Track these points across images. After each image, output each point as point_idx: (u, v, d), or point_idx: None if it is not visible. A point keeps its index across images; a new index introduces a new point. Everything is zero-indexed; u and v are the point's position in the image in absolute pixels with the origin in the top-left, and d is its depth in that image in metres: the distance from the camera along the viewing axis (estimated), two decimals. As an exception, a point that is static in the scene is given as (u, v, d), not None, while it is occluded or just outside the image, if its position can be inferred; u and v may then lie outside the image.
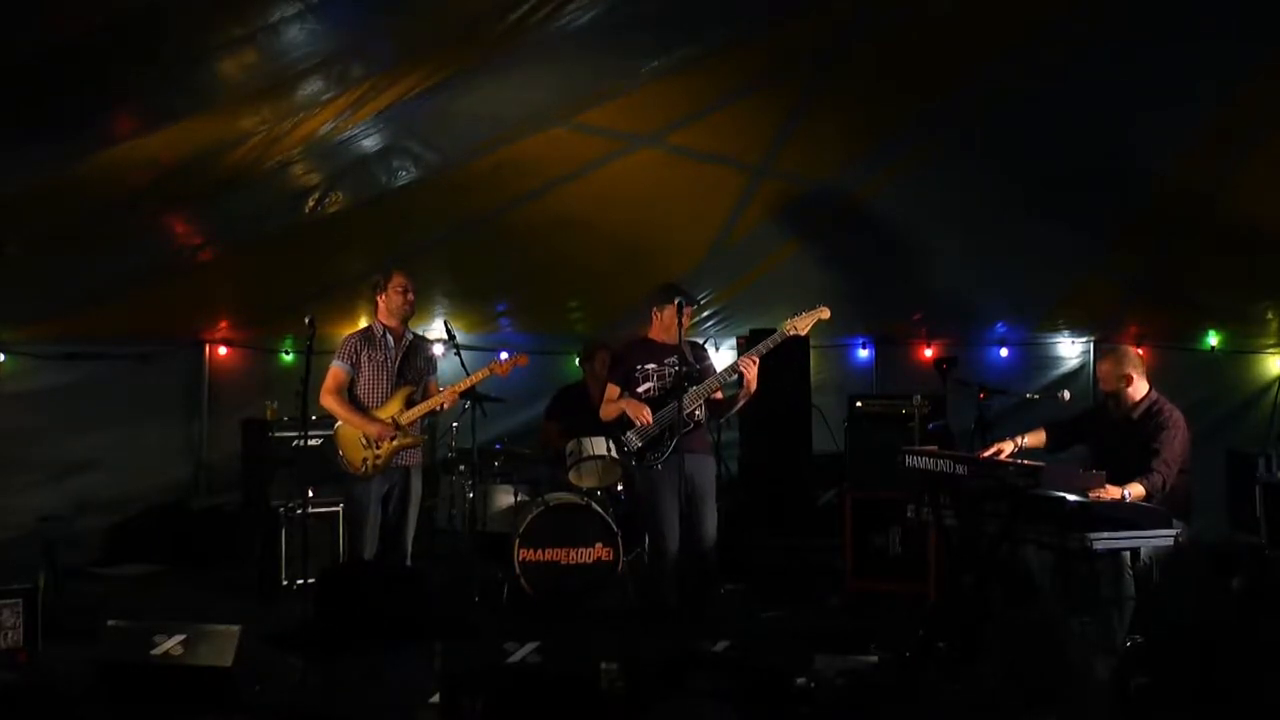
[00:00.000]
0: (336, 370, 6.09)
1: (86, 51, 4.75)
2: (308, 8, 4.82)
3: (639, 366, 6.32)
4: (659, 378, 6.27)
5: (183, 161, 6.11)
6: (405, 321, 6.24)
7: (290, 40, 5.04)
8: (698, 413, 6.19)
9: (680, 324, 6.19)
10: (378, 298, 6.22)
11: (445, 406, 6.24)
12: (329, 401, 6.05)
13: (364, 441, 6.00)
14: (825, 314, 6.10)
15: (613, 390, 6.38)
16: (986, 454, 5.78)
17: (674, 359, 6.23)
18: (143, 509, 8.43)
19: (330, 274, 8.15)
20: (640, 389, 6.26)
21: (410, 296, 6.19)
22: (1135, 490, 5.45)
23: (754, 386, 6.09)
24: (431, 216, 7.81)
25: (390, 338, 6.18)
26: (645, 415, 6.12)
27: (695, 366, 6.18)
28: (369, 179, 7.12)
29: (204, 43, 5.01)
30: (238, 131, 5.99)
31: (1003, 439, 5.99)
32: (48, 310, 7.69)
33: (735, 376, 6.11)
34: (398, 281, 6.16)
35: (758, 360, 6.05)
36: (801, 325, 6.07)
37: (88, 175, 5.87)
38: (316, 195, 7.15)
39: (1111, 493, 5.39)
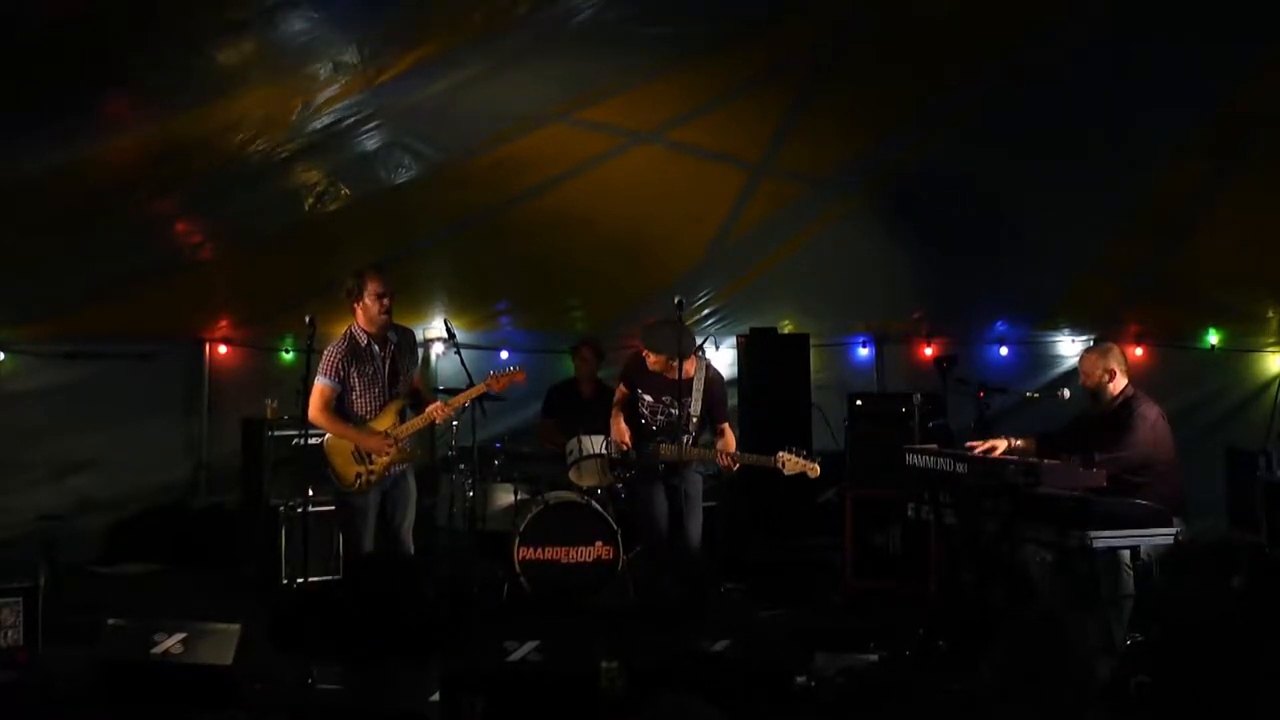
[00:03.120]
0: (323, 388, 5.82)
1: (87, 39, 4.74)
2: None
3: (640, 392, 6.51)
4: (651, 413, 6.48)
5: (179, 145, 6.09)
6: (385, 327, 5.95)
7: (286, 23, 5.03)
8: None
9: (670, 365, 6.30)
10: (354, 305, 5.90)
11: (439, 422, 6.14)
12: (320, 419, 5.84)
13: (356, 456, 5.86)
14: (815, 471, 6.33)
15: (621, 392, 6.62)
16: (980, 449, 5.77)
17: (670, 399, 6.37)
18: (143, 508, 8.43)
19: (330, 272, 8.10)
20: (643, 412, 6.49)
21: (386, 303, 5.86)
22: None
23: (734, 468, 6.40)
24: (432, 214, 7.81)
25: (375, 345, 5.93)
26: (624, 441, 6.46)
27: (684, 420, 6.27)
28: (369, 176, 7.12)
29: (200, 25, 4.99)
30: (233, 114, 5.97)
31: (1003, 435, 5.98)
32: (48, 310, 7.69)
33: (713, 465, 6.37)
34: (373, 289, 5.82)
35: (737, 464, 6.32)
36: (791, 467, 6.28)
37: (84, 162, 5.86)
38: (317, 193, 7.14)
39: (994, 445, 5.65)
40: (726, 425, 6.49)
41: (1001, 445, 5.81)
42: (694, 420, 6.30)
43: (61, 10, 4.58)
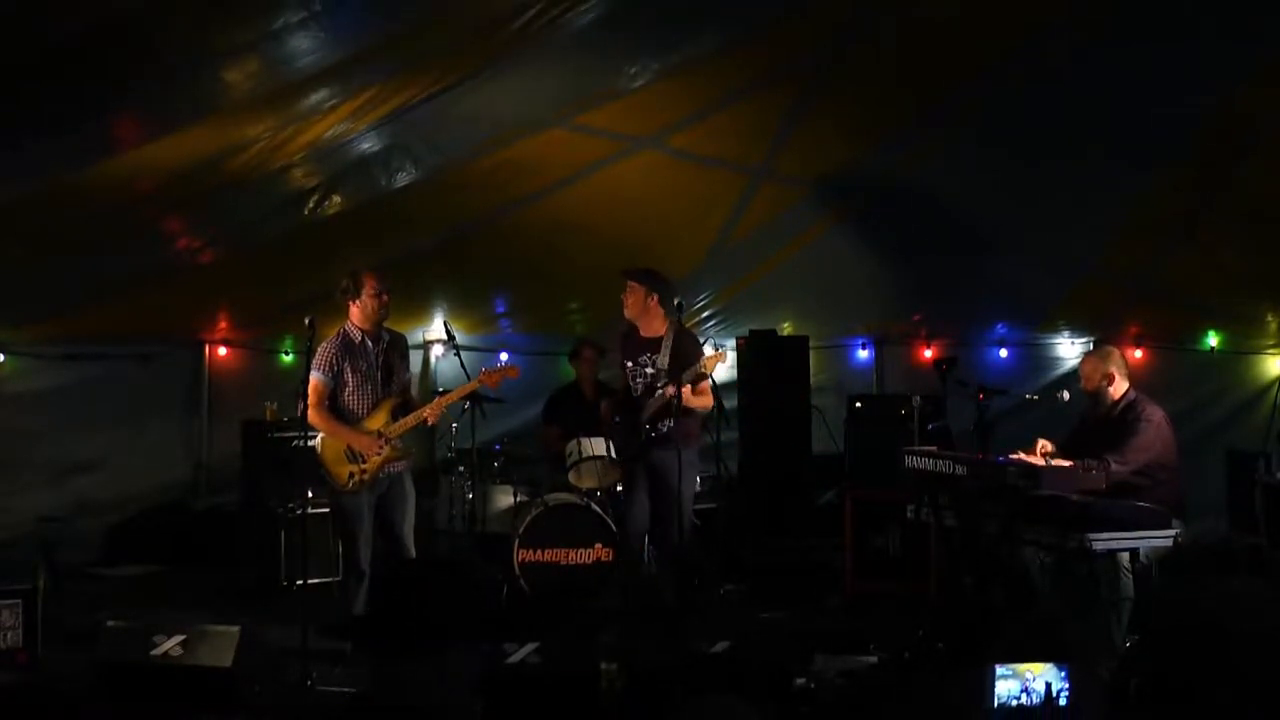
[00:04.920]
0: (317, 383, 5.84)
1: (91, 55, 4.74)
2: (311, 15, 4.82)
3: (625, 362, 6.51)
4: (633, 379, 6.45)
5: (186, 167, 6.10)
6: (380, 325, 6.03)
7: (295, 47, 5.03)
8: (663, 425, 6.26)
9: (636, 306, 6.36)
10: (350, 303, 5.97)
11: (430, 420, 6.12)
12: (316, 418, 5.82)
13: (349, 455, 5.85)
14: (721, 358, 6.18)
15: (624, 375, 6.61)
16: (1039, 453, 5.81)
17: (647, 358, 6.35)
18: (143, 509, 8.43)
19: (329, 275, 8.10)
20: (629, 383, 6.48)
21: (384, 299, 5.95)
22: (1060, 462, 5.49)
23: (670, 397, 6.15)
24: (431, 218, 7.80)
25: (369, 342, 5.98)
26: (606, 414, 6.52)
27: (661, 373, 6.23)
28: (368, 180, 7.11)
29: (208, 48, 5.00)
30: (241, 138, 5.99)
31: (1001, 440, 5.98)
32: (48, 310, 7.69)
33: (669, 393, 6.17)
34: (370, 286, 5.91)
35: (677, 389, 6.10)
36: (710, 365, 6.07)
37: (91, 180, 5.87)
38: (316, 197, 7.14)
39: (1028, 456, 5.59)
40: (706, 384, 6.31)
41: (1049, 448, 5.84)
42: (663, 372, 6.21)
43: (74, 26, 4.59)
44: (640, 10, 5.94)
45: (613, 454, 6.93)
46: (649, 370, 6.34)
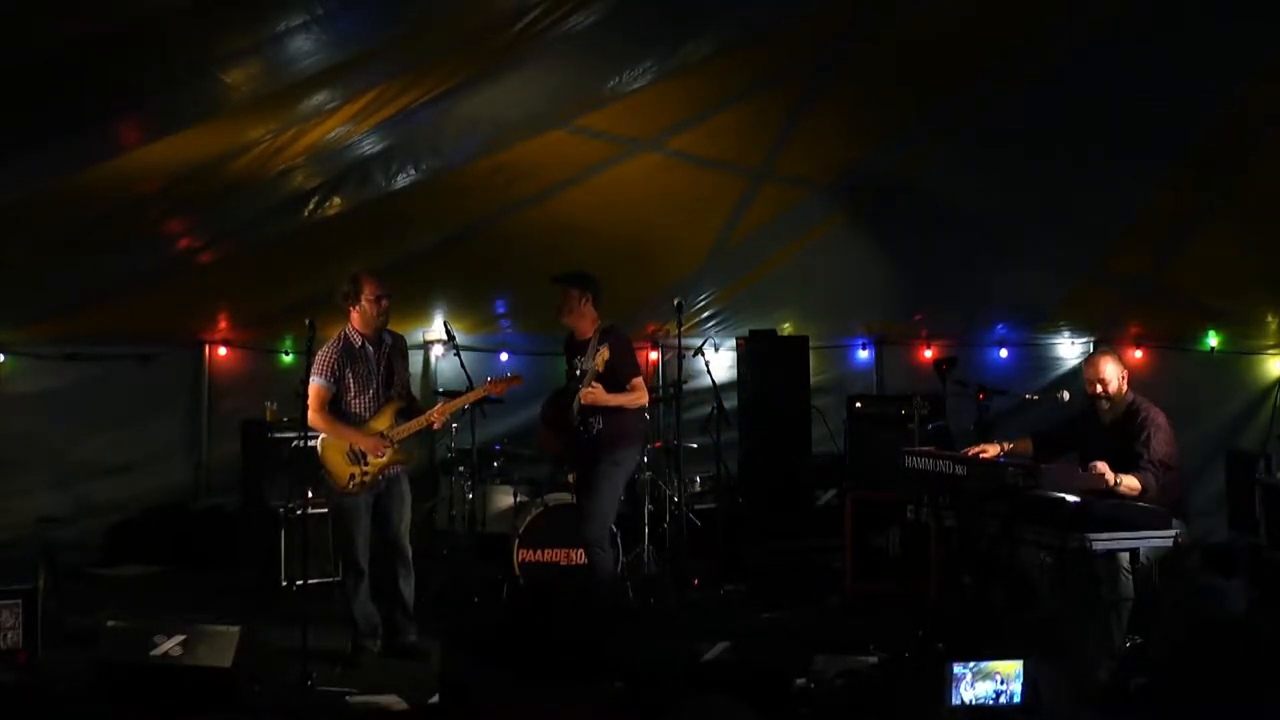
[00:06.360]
0: (318, 388, 5.82)
1: (93, 57, 4.75)
2: (314, 18, 4.83)
3: (567, 365, 6.51)
4: (570, 381, 6.42)
5: (189, 169, 6.10)
6: (381, 329, 6.02)
7: (297, 50, 5.04)
8: (594, 425, 6.26)
9: (570, 310, 6.35)
10: (350, 308, 5.96)
11: (436, 425, 6.12)
12: (317, 420, 5.82)
13: (351, 456, 5.85)
14: (606, 354, 6.10)
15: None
16: (971, 453, 5.78)
17: (579, 360, 6.34)
18: (143, 509, 8.42)
19: (330, 276, 8.10)
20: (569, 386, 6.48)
21: (384, 304, 5.94)
22: (1129, 481, 5.45)
23: (587, 401, 6.18)
24: (431, 219, 7.81)
25: (370, 346, 5.97)
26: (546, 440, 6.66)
27: (587, 375, 6.23)
28: (368, 182, 7.11)
29: (211, 51, 5.00)
30: (243, 140, 5.99)
31: (998, 439, 5.99)
32: (48, 310, 7.70)
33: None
34: (370, 291, 5.90)
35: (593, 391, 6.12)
36: (599, 360, 6.08)
37: (92, 181, 5.87)
38: (316, 198, 7.14)
39: (1102, 469, 5.41)
40: (637, 380, 6.34)
41: (993, 450, 5.82)
42: (589, 374, 6.18)
43: (79, 31, 4.59)
44: (640, 12, 5.94)
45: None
46: (579, 373, 6.34)
